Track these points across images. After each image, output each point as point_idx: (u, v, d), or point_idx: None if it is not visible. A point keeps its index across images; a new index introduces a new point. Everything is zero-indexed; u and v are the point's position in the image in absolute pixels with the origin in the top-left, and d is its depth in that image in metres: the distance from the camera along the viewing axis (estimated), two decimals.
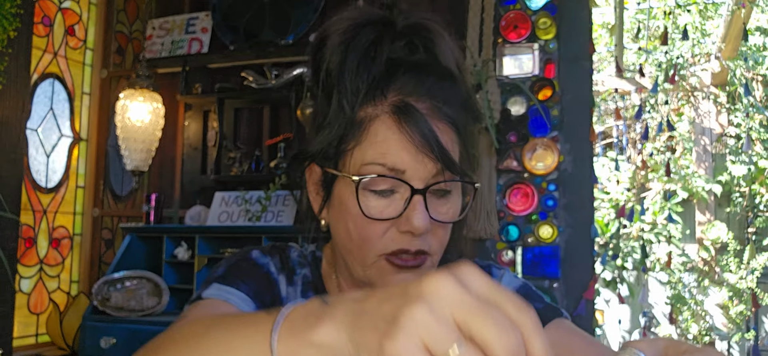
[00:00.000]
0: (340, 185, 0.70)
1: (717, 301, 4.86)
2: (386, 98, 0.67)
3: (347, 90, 0.67)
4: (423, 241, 0.68)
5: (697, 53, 5.33)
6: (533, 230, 2.40)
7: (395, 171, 0.66)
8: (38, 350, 3.03)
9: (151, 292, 2.66)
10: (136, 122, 2.99)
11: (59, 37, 3.21)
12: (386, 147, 0.66)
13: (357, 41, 0.67)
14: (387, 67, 0.67)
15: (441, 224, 0.69)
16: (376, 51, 0.67)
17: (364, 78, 0.67)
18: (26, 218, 3.01)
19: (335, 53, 0.68)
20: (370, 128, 0.67)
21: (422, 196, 0.66)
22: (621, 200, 4.67)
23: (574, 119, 2.44)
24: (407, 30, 0.69)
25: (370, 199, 0.67)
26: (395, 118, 0.66)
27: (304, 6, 2.99)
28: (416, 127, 0.65)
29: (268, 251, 0.79)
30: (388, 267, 0.68)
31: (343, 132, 0.68)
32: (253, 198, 2.85)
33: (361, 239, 0.68)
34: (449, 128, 0.68)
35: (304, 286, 0.78)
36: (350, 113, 0.67)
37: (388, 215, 0.67)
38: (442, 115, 0.67)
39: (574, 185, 2.41)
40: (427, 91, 0.67)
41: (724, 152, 5.10)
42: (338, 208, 0.71)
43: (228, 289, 0.70)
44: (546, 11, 2.48)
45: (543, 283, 2.38)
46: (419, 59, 0.68)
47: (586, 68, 2.45)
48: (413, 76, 0.67)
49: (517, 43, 2.51)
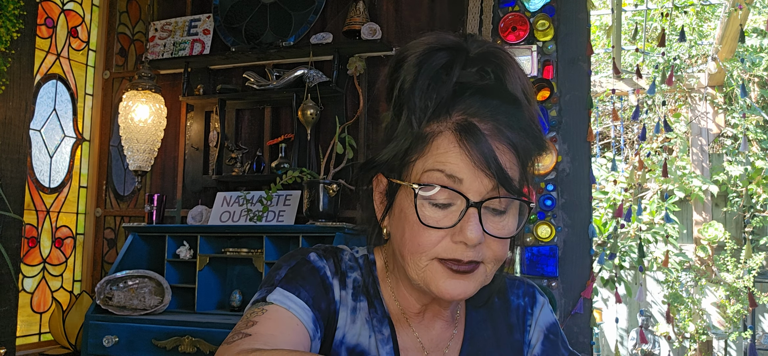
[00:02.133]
0: (401, 195, 0.74)
1: (714, 300, 4.89)
2: (451, 116, 0.71)
3: (416, 107, 0.71)
4: (476, 253, 0.71)
5: (694, 54, 5.37)
6: (532, 229, 2.43)
7: (453, 179, 0.69)
8: (41, 349, 3.05)
9: (154, 291, 2.69)
10: (138, 123, 3.01)
11: (62, 38, 3.24)
12: (446, 157, 0.70)
13: (430, 64, 0.71)
14: (455, 89, 0.71)
15: (497, 239, 0.72)
16: (447, 74, 0.71)
17: (433, 97, 0.71)
18: (29, 218, 3.03)
19: (409, 73, 0.72)
20: (433, 141, 0.71)
21: (477, 209, 0.69)
22: (618, 200, 4.69)
23: (572, 119, 2.47)
24: (479, 57, 0.73)
25: (428, 209, 0.71)
26: (457, 134, 0.70)
27: (304, 8, 3.02)
28: (476, 144, 0.68)
29: (324, 254, 0.82)
30: (442, 269, 0.71)
31: (409, 145, 0.72)
32: (254, 198, 2.88)
33: (415, 245, 0.71)
34: (509, 150, 0.71)
35: (354, 290, 0.81)
36: (417, 128, 0.71)
37: (444, 224, 0.70)
38: (504, 137, 0.70)
39: (572, 185, 2.44)
40: (491, 113, 0.70)
41: (721, 152, 5.14)
42: (399, 216, 0.74)
43: (290, 296, 0.74)
44: (544, 13, 2.51)
45: (541, 282, 2.41)
46: (486, 84, 0.72)
47: (584, 69, 2.48)
48: (479, 99, 0.71)
49: (515, 44, 2.54)
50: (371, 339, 0.78)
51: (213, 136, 3.13)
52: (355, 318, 0.79)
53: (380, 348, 0.78)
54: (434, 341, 0.82)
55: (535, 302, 0.88)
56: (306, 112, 2.81)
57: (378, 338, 0.78)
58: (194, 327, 2.48)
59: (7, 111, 2.60)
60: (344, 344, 0.78)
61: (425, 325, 0.82)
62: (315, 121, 2.85)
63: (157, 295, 2.68)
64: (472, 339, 0.83)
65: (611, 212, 4.74)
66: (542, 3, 2.52)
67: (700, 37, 5.48)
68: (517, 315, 0.87)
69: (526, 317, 0.87)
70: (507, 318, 0.86)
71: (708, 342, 4.87)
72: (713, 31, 5.28)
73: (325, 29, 2.99)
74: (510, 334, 0.85)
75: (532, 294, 0.89)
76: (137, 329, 2.53)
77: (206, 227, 2.77)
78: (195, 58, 3.10)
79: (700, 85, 5.20)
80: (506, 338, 0.85)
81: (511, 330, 0.86)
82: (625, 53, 5.64)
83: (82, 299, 3.02)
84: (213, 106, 3.13)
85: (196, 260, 2.76)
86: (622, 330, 5.25)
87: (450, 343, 0.82)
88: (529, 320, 0.87)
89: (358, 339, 0.78)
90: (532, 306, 0.88)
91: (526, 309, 0.87)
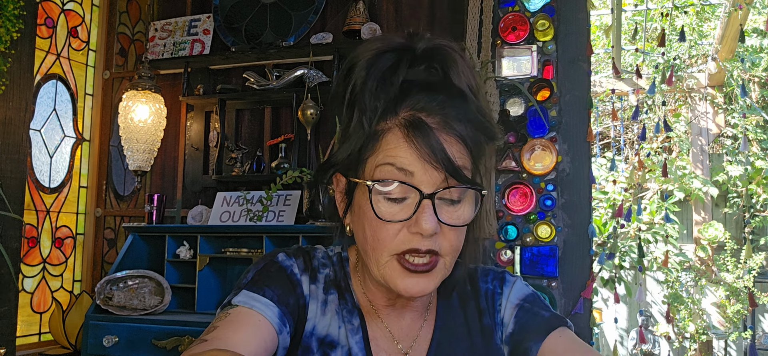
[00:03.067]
0: (358, 193, 0.78)
1: (714, 300, 4.89)
2: (399, 113, 0.74)
3: (366, 108, 0.75)
4: (433, 242, 0.74)
5: (694, 55, 5.37)
6: (532, 229, 2.43)
7: (404, 172, 0.73)
8: (41, 349, 3.05)
9: (154, 291, 2.69)
10: (138, 123, 3.01)
11: (62, 38, 3.24)
12: (396, 152, 0.73)
13: (377, 66, 0.76)
14: (402, 87, 0.75)
15: (453, 229, 0.75)
16: (394, 74, 0.75)
17: (381, 97, 0.75)
18: (29, 218, 3.03)
19: (359, 76, 0.77)
20: (383, 138, 0.75)
21: (430, 200, 0.72)
22: (618, 200, 4.69)
23: (572, 119, 2.47)
24: (425, 54, 0.76)
25: (383, 204, 0.74)
26: (405, 130, 0.73)
27: (304, 8, 3.02)
28: (423, 138, 0.72)
29: (293, 253, 0.86)
30: (399, 268, 0.75)
31: (362, 144, 0.76)
32: (254, 198, 2.88)
33: (375, 241, 0.75)
34: (458, 141, 0.74)
35: (326, 284, 0.84)
36: (368, 128, 0.75)
37: (400, 217, 0.73)
38: (452, 129, 0.73)
39: (572, 185, 2.44)
40: (439, 107, 0.74)
41: (721, 152, 5.14)
42: (358, 213, 0.78)
43: (254, 296, 0.77)
44: (544, 13, 2.51)
45: (541, 282, 2.41)
46: (432, 79, 0.76)
47: (584, 70, 2.48)
48: (426, 95, 0.74)
49: (515, 44, 2.54)
50: (341, 329, 0.81)
51: (213, 136, 3.13)
52: (325, 311, 0.82)
53: (350, 338, 0.81)
54: (404, 331, 0.85)
55: (505, 282, 0.90)
56: (306, 112, 2.81)
57: (348, 328, 0.81)
58: (194, 327, 2.48)
59: (7, 111, 2.60)
60: (315, 335, 0.81)
61: (395, 316, 0.85)
62: (315, 121, 2.85)
63: (157, 295, 2.68)
64: (443, 327, 0.86)
65: (611, 212, 4.74)
66: (542, 3, 2.52)
67: (700, 37, 5.48)
68: (487, 298, 0.89)
69: (496, 298, 0.89)
70: (477, 303, 0.89)
71: (708, 342, 4.88)
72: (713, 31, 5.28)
73: (325, 29, 2.99)
74: (480, 320, 0.87)
75: (501, 277, 0.91)
76: (137, 329, 2.53)
77: (206, 227, 2.77)
78: (195, 58, 3.10)
79: (700, 85, 5.20)
80: (476, 324, 0.87)
81: (481, 316, 0.88)
82: (625, 53, 5.64)
83: (82, 299, 3.02)
84: (213, 106, 3.13)
85: (196, 260, 2.76)
86: (622, 330, 5.25)
87: (420, 332, 0.85)
88: (498, 300, 0.88)
89: (328, 330, 0.81)
90: (502, 287, 0.89)
91: (495, 290, 0.89)
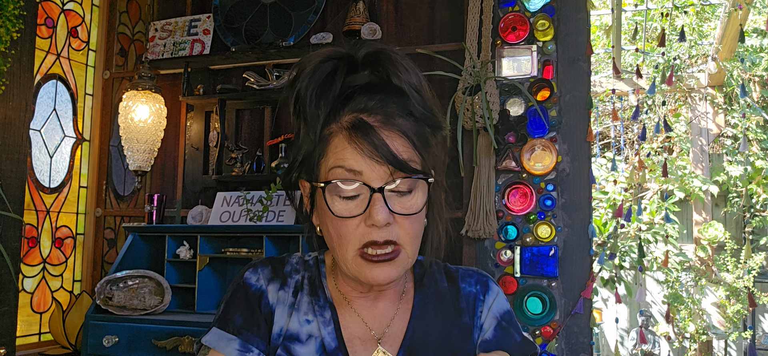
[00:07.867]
0: (319, 194, 0.83)
1: (714, 300, 4.89)
2: (342, 117, 0.80)
3: (310, 116, 0.81)
4: (389, 232, 0.79)
5: (695, 54, 5.37)
6: (532, 229, 2.43)
7: (353, 172, 0.78)
8: (41, 349, 3.05)
9: (154, 291, 2.69)
10: (138, 123, 3.01)
11: (62, 38, 3.24)
12: (343, 154, 0.79)
13: (317, 75, 0.81)
14: (344, 93, 0.80)
15: (407, 217, 0.80)
16: (333, 81, 0.80)
17: (322, 105, 0.80)
18: (29, 218, 3.03)
19: (302, 85, 0.81)
20: (331, 142, 0.80)
21: (380, 193, 0.78)
22: (618, 200, 4.70)
23: (572, 119, 2.47)
24: (366, 59, 0.81)
25: (339, 202, 0.79)
26: (348, 132, 0.78)
27: (304, 8, 3.02)
28: (366, 137, 0.77)
29: (261, 263, 0.91)
30: (363, 261, 0.80)
31: (313, 149, 0.81)
32: (254, 198, 2.88)
33: (339, 237, 0.80)
34: (400, 136, 0.79)
35: (295, 288, 0.89)
36: (314, 135, 0.81)
37: (355, 213, 0.79)
38: (394, 125, 0.78)
39: (572, 185, 2.44)
40: (380, 106, 0.79)
41: (721, 152, 5.14)
42: (321, 214, 0.83)
43: (221, 334, 0.85)
44: (544, 13, 2.51)
45: (541, 282, 2.41)
46: (371, 81, 0.81)
47: (584, 69, 2.48)
48: (367, 96, 0.80)
49: (515, 44, 2.54)
50: (313, 323, 0.87)
51: (213, 136, 3.13)
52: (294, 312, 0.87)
53: (322, 329, 0.86)
54: (377, 318, 0.89)
55: (488, 290, 0.94)
56: None
57: (320, 321, 0.87)
58: (194, 327, 2.48)
59: (7, 111, 2.60)
60: (282, 335, 0.86)
61: (368, 306, 0.89)
62: None
63: (157, 295, 2.68)
64: (419, 316, 0.90)
65: (611, 212, 4.74)
66: (542, 3, 2.52)
67: (700, 37, 5.49)
68: (468, 301, 0.93)
69: (478, 303, 0.93)
70: (456, 302, 0.92)
71: (708, 342, 4.88)
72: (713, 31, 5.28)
73: (325, 29, 2.99)
74: (458, 317, 0.91)
75: (485, 283, 0.94)
76: (137, 329, 2.53)
77: (206, 227, 2.77)
78: (195, 58, 3.10)
79: (700, 85, 5.20)
80: (454, 319, 0.91)
81: (460, 314, 0.92)
82: (625, 53, 5.64)
83: (82, 299, 3.02)
84: (213, 106, 3.13)
85: (196, 260, 2.76)
86: (622, 330, 5.25)
87: (393, 320, 0.89)
88: (480, 306, 0.92)
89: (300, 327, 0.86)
90: (485, 294, 0.93)
91: (477, 295, 0.93)
